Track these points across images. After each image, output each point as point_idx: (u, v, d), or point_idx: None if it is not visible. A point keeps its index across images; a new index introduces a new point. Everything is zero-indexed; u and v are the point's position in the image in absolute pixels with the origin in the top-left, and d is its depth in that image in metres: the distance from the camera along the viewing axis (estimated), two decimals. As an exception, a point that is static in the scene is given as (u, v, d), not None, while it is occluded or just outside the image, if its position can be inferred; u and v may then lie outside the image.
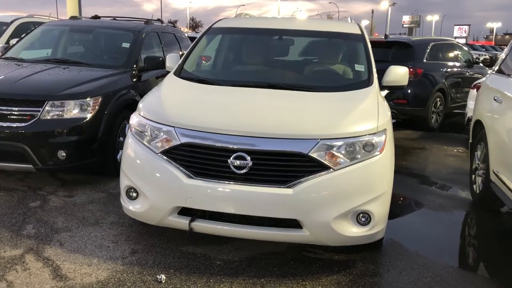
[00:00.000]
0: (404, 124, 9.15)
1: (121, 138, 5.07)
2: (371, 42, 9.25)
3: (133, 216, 3.43)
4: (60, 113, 4.52)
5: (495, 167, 4.10)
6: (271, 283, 3.08)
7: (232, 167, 3.05)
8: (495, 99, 4.33)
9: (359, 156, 3.14)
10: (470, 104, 7.41)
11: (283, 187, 3.02)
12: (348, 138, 3.15)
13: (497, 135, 4.13)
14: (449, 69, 9.17)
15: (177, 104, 3.51)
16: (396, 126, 9.21)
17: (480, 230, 4.33)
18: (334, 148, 3.10)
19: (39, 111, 4.43)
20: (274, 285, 3.06)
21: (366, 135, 3.19)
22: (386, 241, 3.77)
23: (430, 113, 8.63)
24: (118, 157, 5.02)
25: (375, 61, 9.12)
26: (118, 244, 3.52)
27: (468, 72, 9.72)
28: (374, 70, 4.09)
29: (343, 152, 3.11)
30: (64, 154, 4.50)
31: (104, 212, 4.11)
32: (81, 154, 4.64)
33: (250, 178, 3.05)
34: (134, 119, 3.50)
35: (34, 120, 4.42)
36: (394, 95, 8.34)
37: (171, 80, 3.98)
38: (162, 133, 3.26)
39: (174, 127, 3.23)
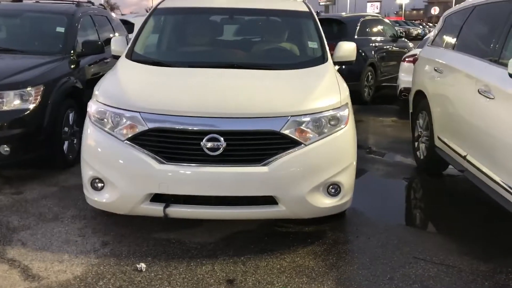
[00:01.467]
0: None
1: (66, 129, 4.81)
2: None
3: (100, 207, 3.30)
4: (-1, 105, 4.20)
5: (439, 133, 4.40)
6: (251, 260, 3.12)
7: (205, 149, 3.02)
8: (435, 70, 4.63)
9: (326, 131, 3.23)
10: (402, 76, 7.85)
11: (259, 166, 3.05)
12: (315, 114, 3.23)
13: (440, 104, 4.43)
14: (377, 44, 9.60)
15: (139, 88, 3.39)
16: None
17: (428, 191, 4.66)
18: (303, 124, 3.16)
19: (-25, 103, 4.09)
20: (255, 261, 3.11)
21: (331, 109, 3.29)
22: (349, 210, 3.93)
23: (363, 87, 9.01)
24: (64, 148, 4.77)
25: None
26: (86, 237, 3.38)
27: (394, 46, 10.24)
28: (326, 47, 4.19)
29: (311, 127, 3.19)
30: (8, 149, 4.21)
31: (61, 206, 3.91)
32: (26, 147, 4.35)
33: (225, 159, 3.05)
34: (92, 106, 3.33)
35: (-30, 114, 4.08)
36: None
37: (125, 64, 3.82)
38: (125, 119, 3.14)
39: (139, 112, 3.12)
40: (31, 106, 4.35)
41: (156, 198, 3.13)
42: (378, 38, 9.73)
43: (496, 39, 3.63)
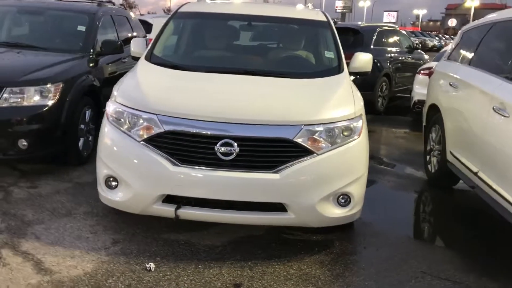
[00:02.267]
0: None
1: (82, 126, 4.89)
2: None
3: (113, 205, 3.37)
4: (20, 100, 4.29)
5: (452, 148, 4.40)
6: (258, 266, 3.16)
7: (218, 154, 3.07)
8: (450, 85, 4.63)
9: (339, 141, 3.27)
10: (417, 88, 7.84)
11: (270, 172, 3.09)
12: (329, 124, 3.26)
13: (454, 118, 4.43)
14: (393, 55, 9.59)
15: (157, 90, 3.45)
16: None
17: (439, 205, 4.66)
18: (316, 134, 3.20)
19: (-4, 98, 4.18)
20: (262, 267, 3.15)
21: (345, 120, 3.32)
22: (357, 221, 3.96)
23: (377, 97, 9.01)
24: (79, 145, 4.86)
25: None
26: (97, 234, 3.44)
27: (409, 57, 10.23)
28: (343, 57, 4.23)
29: (324, 137, 3.22)
30: (26, 144, 4.29)
31: (75, 202, 3.98)
32: (43, 143, 4.43)
33: (237, 164, 3.09)
34: (111, 106, 3.41)
35: (-9, 108, 4.17)
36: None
37: (144, 66, 3.89)
38: (142, 121, 3.20)
39: (156, 114, 3.18)
40: (50, 103, 4.44)
41: (168, 199, 3.19)
42: (394, 49, 9.73)
43: (513, 57, 3.63)
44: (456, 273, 3.20)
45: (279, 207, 3.18)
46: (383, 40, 9.49)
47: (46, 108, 4.41)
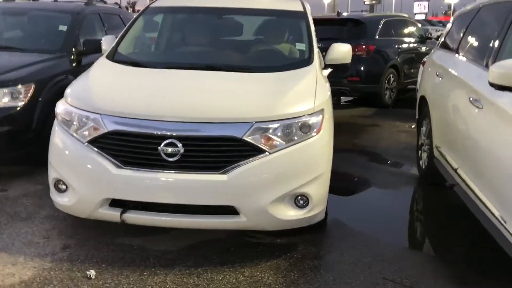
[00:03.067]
0: (359, 102, 9.19)
1: (60, 127, 4.81)
2: (324, 19, 9.20)
3: (63, 209, 3.25)
4: (-12, 102, 4.25)
5: (437, 142, 4.10)
6: (208, 272, 2.98)
7: (162, 155, 2.91)
8: (437, 75, 4.32)
9: (295, 138, 3.05)
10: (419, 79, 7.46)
11: (218, 173, 2.90)
12: (284, 120, 3.05)
13: (439, 111, 4.12)
14: (401, 45, 9.19)
15: (104, 89, 3.31)
16: (351, 104, 9.28)
17: (425, 205, 4.38)
18: (270, 131, 2.99)
19: (-38, 101, 4.15)
20: (211, 274, 2.97)
21: (302, 116, 3.10)
22: (331, 222, 3.73)
23: (383, 89, 8.65)
24: (57, 146, 4.78)
25: (328, 39, 8.96)
26: (50, 239, 3.34)
27: (421, 48, 9.78)
28: (316, 48, 3.98)
29: (279, 134, 3.01)
30: (-4, 146, 4.25)
31: (39, 205, 3.90)
32: (13, 145, 4.38)
33: (183, 165, 2.92)
34: (60, 107, 3.29)
35: (-42, 111, 4.14)
36: (348, 72, 8.31)
37: (101, 64, 3.76)
38: (88, 121, 3.07)
39: (100, 114, 3.05)
40: (21, 104, 4.38)
41: (115, 203, 3.05)
42: (403, 39, 9.31)
43: (492, 42, 3.31)
44: (423, 279, 2.94)
45: (232, 210, 2.98)
46: (390, 30, 9.09)
47: (16, 110, 4.36)
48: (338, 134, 6.37)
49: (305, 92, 3.29)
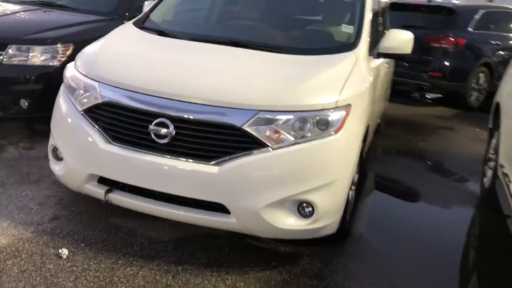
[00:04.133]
0: (442, 100, 8.22)
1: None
2: (411, 5, 8.29)
3: (58, 178, 3.07)
4: (25, 59, 4.20)
5: (503, 160, 3.37)
6: (187, 273, 2.64)
7: (152, 135, 2.58)
8: (516, 78, 3.54)
9: (309, 135, 2.58)
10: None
11: (209, 164, 2.53)
12: (297, 112, 2.58)
13: (510, 122, 3.37)
14: (501, 42, 8.02)
15: (109, 56, 3.03)
16: (432, 102, 8.33)
17: (476, 234, 3.63)
18: (277, 122, 2.55)
19: (0, 55, 4.13)
20: (190, 275, 2.63)
21: (321, 109, 2.61)
22: (353, 236, 3.22)
23: (469, 89, 7.63)
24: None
25: (412, 27, 8.10)
26: (44, 207, 3.19)
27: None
28: (366, 33, 3.39)
29: (288, 128, 2.56)
30: (27, 104, 4.21)
31: (53, 169, 3.79)
32: (45, 104, 4.29)
33: (172, 150, 2.58)
34: (68, 70, 3.09)
35: (-5, 64, 4.14)
36: (429, 66, 7.47)
37: (122, 29, 3.50)
38: (88, 89, 2.83)
39: (98, 82, 2.79)
40: (58, 63, 4.29)
41: (104, 180, 2.80)
42: (506, 35, 8.11)
43: None
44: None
45: (222, 208, 2.61)
46: (490, 24, 7.95)
47: (52, 69, 4.27)
48: (403, 133, 5.69)
49: (331, 82, 2.77)
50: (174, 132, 2.55)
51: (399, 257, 3.04)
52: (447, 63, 7.38)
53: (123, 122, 2.67)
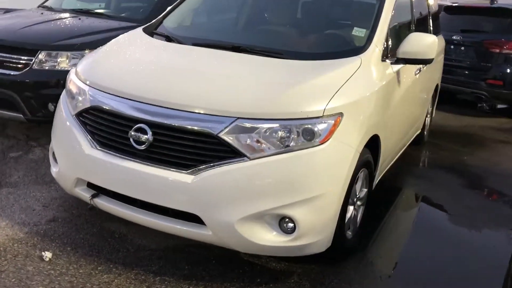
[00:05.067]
0: (505, 111, 7.54)
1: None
2: (472, 8, 7.72)
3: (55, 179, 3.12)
4: (54, 64, 4.37)
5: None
6: (163, 284, 2.55)
7: (131, 141, 2.54)
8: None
9: (292, 144, 2.41)
10: None
11: (184, 173, 2.43)
12: (280, 120, 2.42)
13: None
14: None
15: (104, 61, 3.03)
16: (491, 112, 7.64)
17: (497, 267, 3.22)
18: (259, 131, 2.40)
19: (31, 60, 4.32)
20: (166, 287, 2.53)
21: (305, 118, 2.43)
22: (356, 257, 2.97)
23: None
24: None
25: (471, 31, 7.52)
26: (47, 208, 3.25)
27: None
28: (379, 37, 3.14)
29: (271, 137, 2.40)
30: (53, 107, 4.36)
31: (69, 171, 3.88)
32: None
33: (150, 156, 2.52)
34: (70, 74, 3.14)
35: (26, 69, 4.33)
36: (488, 74, 6.88)
37: (128, 35, 3.50)
38: (81, 93, 2.85)
39: (89, 86, 2.80)
40: (85, 69, 4.41)
41: (93, 184, 2.79)
42: None
43: None
44: None
45: (199, 219, 2.49)
46: None
47: (79, 74, 4.39)
48: (451, 145, 5.25)
49: (322, 89, 2.57)
50: (152, 139, 2.48)
51: (402, 283, 2.75)
52: (508, 71, 6.75)
53: (107, 127, 2.65)
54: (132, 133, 2.51)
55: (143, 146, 2.50)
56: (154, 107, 2.51)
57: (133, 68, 2.87)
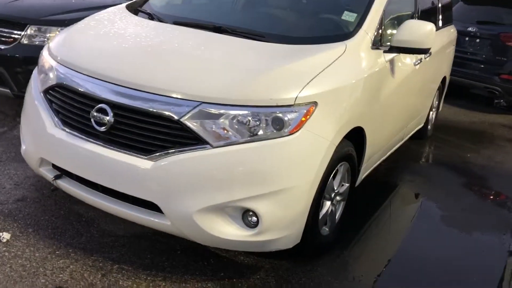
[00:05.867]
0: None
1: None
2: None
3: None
4: (43, 39, 4.25)
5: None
6: (120, 273, 2.44)
7: (93, 121, 2.40)
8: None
9: (260, 133, 2.24)
10: None
11: (144, 158, 2.29)
12: (248, 107, 2.26)
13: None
14: None
15: (75, 38, 2.89)
16: (506, 108, 7.31)
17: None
18: (224, 117, 2.24)
19: (20, 34, 4.22)
20: (121, 277, 2.41)
21: (275, 106, 2.26)
22: (331, 254, 2.81)
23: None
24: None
25: (487, 23, 7.18)
26: (18, 187, 3.16)
27: None
28: (370, 22, 2.94)
29: (238, 124, 2.24)
30: (41, 83, 4.26)
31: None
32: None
33: (110, 139, 2.38)
34: (44, 50, 3.01)
35: (14, 43, 4.23)
36: (502, 68, 6.56)
37: (108, 12, 3.32)
38: (50, 69, 2.72)
39: (58, 62, 2.67)
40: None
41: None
42: None
43: None
44: None
45: (158, 208, 2.36)
46: None
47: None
48: (456, 141, 5.01)
49: (296, 75, 2.40)
50: (113, 120, 2.35)
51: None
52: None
53: (70, 105, 2.52)
54: (94, 113, 2.38)
55: (104, 127, 2.37)
56: (117, 87, 2.37)
57: (104, 46, 2.72)
